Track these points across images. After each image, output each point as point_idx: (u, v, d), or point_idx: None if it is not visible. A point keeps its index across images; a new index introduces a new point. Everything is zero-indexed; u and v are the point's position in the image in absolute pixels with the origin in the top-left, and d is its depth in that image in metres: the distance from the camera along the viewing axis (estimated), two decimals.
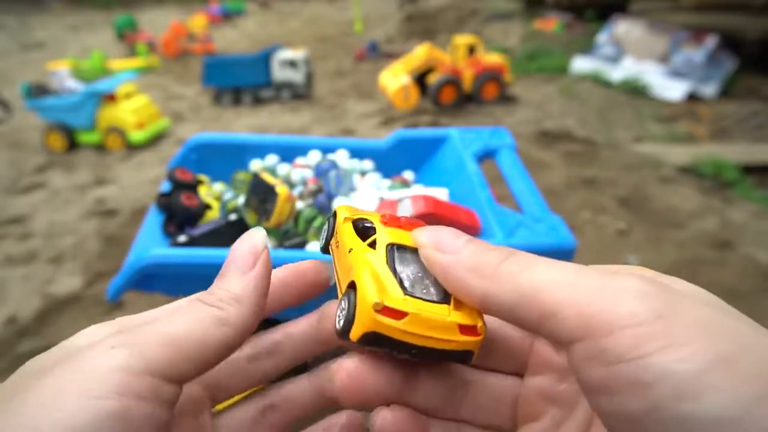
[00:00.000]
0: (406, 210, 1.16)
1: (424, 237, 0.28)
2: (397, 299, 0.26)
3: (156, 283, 1.07)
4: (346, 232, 0.32)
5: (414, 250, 0.29)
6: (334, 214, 0.34)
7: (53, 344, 0.25)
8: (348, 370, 0.28)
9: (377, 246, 0.29)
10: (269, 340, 0.32)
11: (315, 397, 0.33)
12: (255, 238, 0.31)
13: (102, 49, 5.12)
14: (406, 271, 0.28)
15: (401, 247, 0.29)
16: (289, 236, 1.18)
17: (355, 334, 0.26)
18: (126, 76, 3.60)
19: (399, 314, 0.26)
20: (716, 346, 0.19)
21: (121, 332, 0.25)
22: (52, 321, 1.80)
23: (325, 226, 0.35)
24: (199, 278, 0.63)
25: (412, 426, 0.27)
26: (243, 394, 0.35)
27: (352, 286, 0.28)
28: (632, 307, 0.21)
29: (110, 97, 3.28)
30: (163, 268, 1.02)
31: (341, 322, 0.27)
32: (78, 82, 3.45)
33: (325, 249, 0.34)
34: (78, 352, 0.23)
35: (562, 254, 1.06)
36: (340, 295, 0.29)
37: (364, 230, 0.32)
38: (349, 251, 0.30)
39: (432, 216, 1.14)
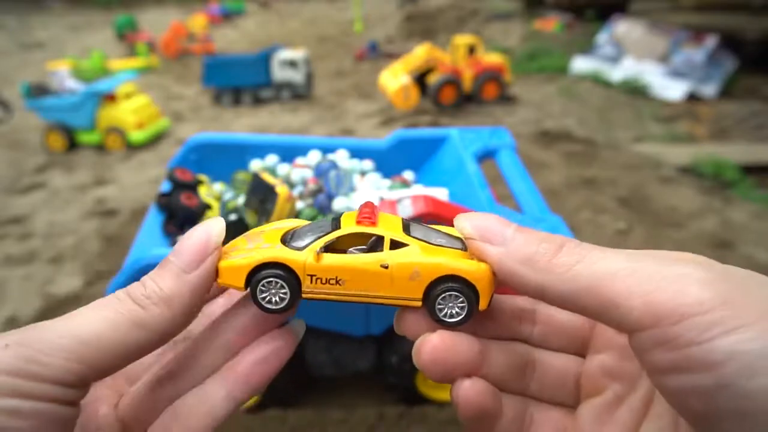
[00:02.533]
0: (406, 210, 1.16)
1: (470, 228, 0.28)
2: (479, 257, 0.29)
3: None
4: (343, 262, 0.29)
5: (404, 223, 0.32)
6: (285, 268, 0.29)
7: None
8: (434, 344, 0.29)
9: (407, 240, 0.30)
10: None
11: (210, 368, 0.31)
12: (210, 231, 0.29)
13: (102, 49, 5.12)
14: (437, 238, 0.31)
15: (407, 227, 0.31)
16: None
17: (485, 304, 0.29)
18: (126, 76, 3.60)
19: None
20: None
21: (20, 328, 0.24)
22: None
23: (275, 285, 0.29)
24: None
25: (489, 397, 0.29)
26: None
27: (443, 280, 0.29)
28: (698, 295, 0.22)
29: (110, 97, 3.28)
30: None
31: (465, 311, 0.29)
32: (78, 82, 3.45)
33: (294, 302, 0.30)
34: None
35: None
36: (412, 304, 0.30)
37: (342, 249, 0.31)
38: (384, 267, 0.29)
39: (432, 216, 1.14)
